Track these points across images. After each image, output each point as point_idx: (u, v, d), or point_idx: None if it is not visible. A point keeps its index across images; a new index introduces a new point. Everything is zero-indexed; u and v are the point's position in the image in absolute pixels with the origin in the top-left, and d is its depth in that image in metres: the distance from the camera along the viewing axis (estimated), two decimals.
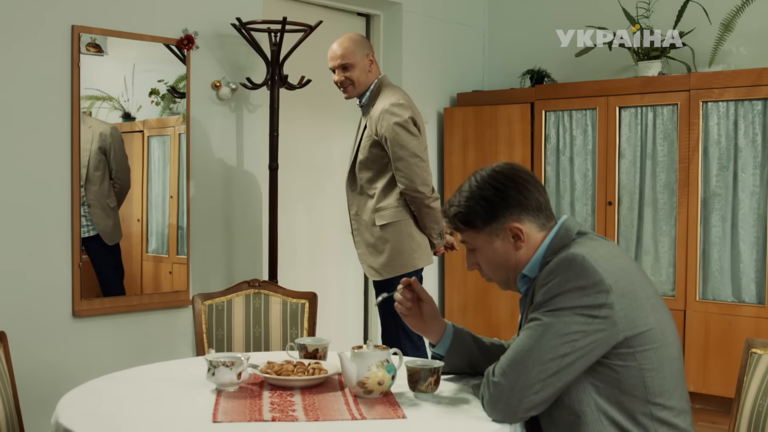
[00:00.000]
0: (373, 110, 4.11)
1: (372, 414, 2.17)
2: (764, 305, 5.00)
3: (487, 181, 2.27)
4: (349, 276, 5.91)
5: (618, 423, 2.11)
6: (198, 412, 2.17)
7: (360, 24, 5.95)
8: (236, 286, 3.53)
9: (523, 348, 2.09)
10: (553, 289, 2.11)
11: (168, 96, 4.66)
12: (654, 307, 2.17)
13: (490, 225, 2.27)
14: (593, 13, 5.93)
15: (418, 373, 2.34)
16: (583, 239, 2.24)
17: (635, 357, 2.11)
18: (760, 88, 4.98)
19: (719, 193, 5.17)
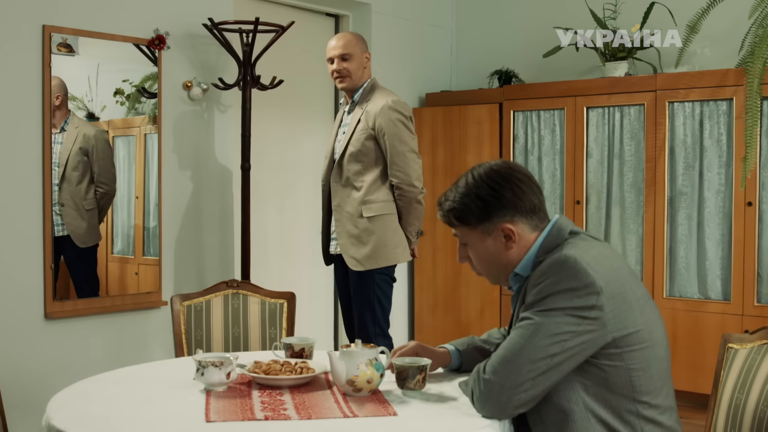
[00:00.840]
0: (370, 105, 4.22)
1: (363, 412, 2.19)
2: (730, 302, 5.10)
3: (484, 179, 2.29)
4: (320, 276, 5.91)
5: (605, 421, 2.16)
6: (190, 412, 2.18)
7: (329, 24, 5.96)
8: (215, 287, 3.52)
9: (514, 346, 2.12)
10: (545, 290, 2.14)
11: (134, 96, 4.64)
12: (643, 309, 2.21)
13: (483, 224, 2.29)
14: (560, 14, 6.01)
15: (406, 371, 2.37)
16: (576, 239, 2.27)
17: (623, 357, 2.15)
18: (725, 89, 5.08)
19: (685, 192, 5.26)
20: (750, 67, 4.80)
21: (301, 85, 5.48)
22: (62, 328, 4.32)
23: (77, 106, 4.41)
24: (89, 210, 4.48)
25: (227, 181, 5.03)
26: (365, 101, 4.27)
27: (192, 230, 4.87)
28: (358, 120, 4.22)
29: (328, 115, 5.93)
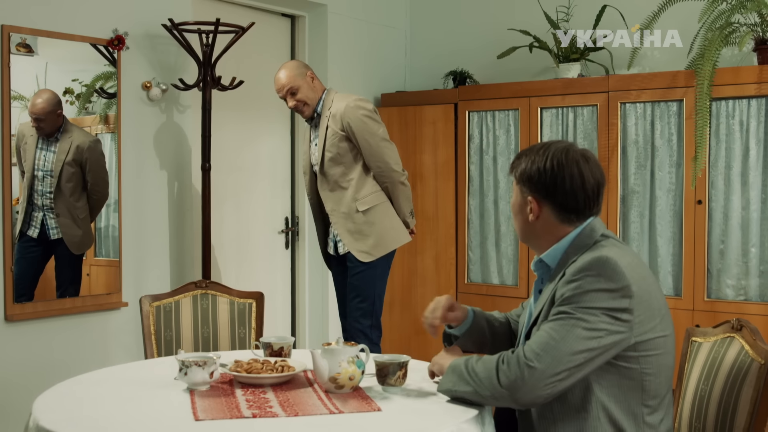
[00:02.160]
0: (332, 110, 4.42)
1: (347, 408, 2.24)
2: (681, 297, 5.24)
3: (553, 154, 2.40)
4: (276, 275, 5.94)
5: (615, 420, 2.26)
6: (177, 411, 2.20)
7: (285, 25, 5.98)
8: (184, 287, 3.54)
9: (557, 336, 2.20)
10: (583, 286, 2.23)
11: (84, 95, 4.62)
12: (663, 318, 2.36)
13: (520, 184, 2.45)
14: (514, 16, 6.11)
15: (387, 367, 2.42)
16: (608, 242, 2.37)
17: (639, 361, 2.27)
18: (675, 90, 5.21)
19: (637, 191, 5.39)
20: (700, 69, 4.94)
21: (256, 85, 5.48)
22: (22, 330, 4.29)
23: (24, 105, 4.37)
24: (83, 218, 4.52)
25: (186, 181, 5.03)
26: (328, 109, 4.47)
27: (150, 231, 4.86)
28: (326, 126, 4.41)
29: (283, 116, 5.95)
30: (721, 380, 2.55)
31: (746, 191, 5.04)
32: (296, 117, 5.97)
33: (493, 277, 5.95)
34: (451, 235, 6.04)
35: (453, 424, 2.14)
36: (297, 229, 6.03)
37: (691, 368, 2.76)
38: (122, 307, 4.71)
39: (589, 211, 2.40)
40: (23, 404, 4.21)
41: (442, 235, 6.05)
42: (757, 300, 5.03)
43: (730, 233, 5.09)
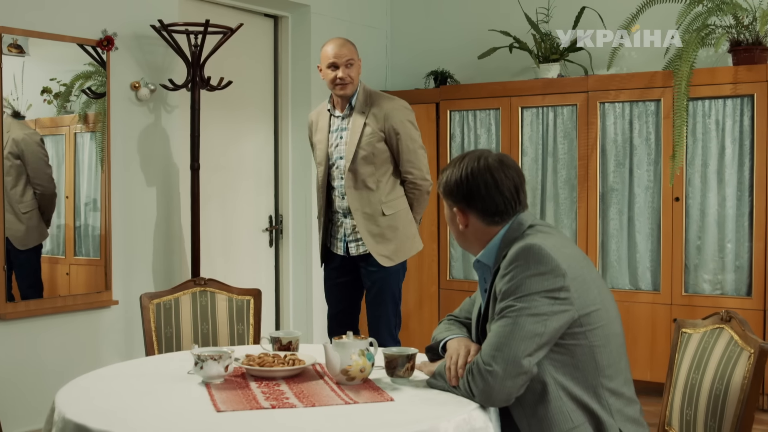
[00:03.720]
0: (375, 109, 4.33)
1: (361, 398, 2.33)
2: (659, 292, 5.38)
3: (469, 166, 2.52)
4: (261, 273, 6.01)
5: (576, 397, 2.36)
6: (196, 404, 2.28)
7: (268, 25, 6.04)
8: (183, 285, 3.61)
9: (504, 332, 2.30)
10: (516, 277, 2.34)
11: (63, 94, 4.66)
12: (599, 289, 2.46)
13: (446, 197, 2.59)
14: (495, 16, 6.22)
15: (396, 359, 2.51)
16: (534, 231, 2.50)
17: (586, 335, 2.37)
18: (653, 90, 5.35)
19: (616, 188, 5.52)
20: (678, 70, 5.08)
21: (240, 85, 5.53)
22: (16, 329, 4.33)
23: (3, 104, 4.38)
24: (26, 212, 4.49)
25: (174, 180, 5.09)
26: (367, 105, 4.36)
27: (139, 229, 4.91)
28: (364, 124, 4.31)
29: (267, 116, 6.02)
30: (711, 369, 2.66)
31: (722, 188, 5.19)
32: (280, 116, 6.05)
33: (474, 274, 6.04)
34: (434, 232, 6.14)
35: (464, 412, 2.23)
36: (281, 227, 6.10)
37: (681, 358, 2.87)
38: (113, 305, 4.76)
39: (511, 210, 2.52)
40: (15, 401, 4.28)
41: (424, 232, 6.13)
42: (733, 294, 5.18)
43: (707, 229, 5.24)
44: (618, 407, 2.41)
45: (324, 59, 4.36)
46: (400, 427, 2.09)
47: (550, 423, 2.33)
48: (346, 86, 4.33)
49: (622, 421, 2.40)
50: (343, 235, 4.44)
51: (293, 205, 6.10)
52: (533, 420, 2.35)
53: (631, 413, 2.45)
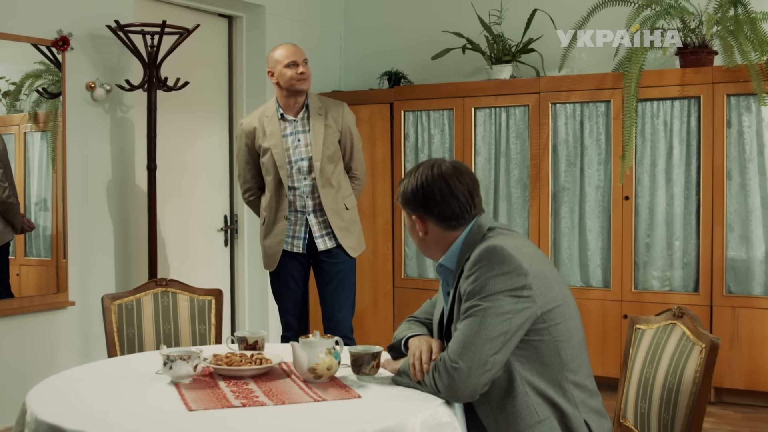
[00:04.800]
0: (331, 111, 4.57)
1: (329, 395, 2.39)
2: (610, 288, 5.51)
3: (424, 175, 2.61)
4: (216, 273, 6.02)
5: (541, 391, 2.46)
6: (167, 403, 2.31)
7: (222, 25, 6.05)
8: (144, 285, 3.62)
9: (471, 331, 2.37)
10: (481, 278, 2.43)
11: (12, 93, 4.64)
12: (560, 286, 2.56)
13: (405, 206, 2.67)
14: (448, 18, 6.31)
15: (361, 357, 2.57)
16: (495, 233, 2.59)
17: (549, 331, 2.47)
18: (603, 92, 5.48)
19: (568, 188, 5.64)
20: (627, 72, 5.21)
21: (195, 85, 5.52)
22: None
23: None
24: None
25: (129, 180, 5.08)
26: (322, 108, 4.56)
27: (95, 230, 4.90)
28: (325, 125, 4.51)
29: (222, 116, 6.04)
30: (664, 364, 2.76)
31: (670, 187, 5.33)
32: (235, 116, 6.06)
33: (429, 272, 6.14)
34: (388, 231, 6.20)
35: (430, 408, 2.30)
36: (236, 227, 6.11)
37: (635, 353, 2.97)
38: (69, 306, 4.74)
39: (468, 214, 2.61)
40: None
41: (379, 231, 6.21)
42: (680, 290, 5.34)
43: (656, 227, 5.38)
44: (582, 399, 2.50)
45: (281, 60, 4.50)
46: (369, 424, 2.14)
47: (517, 417, 2.41)
48: (307, 81, 4.52)
49: (586, 412, 2.49)
50: (305, 233, 4.55)
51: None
52: (500, 415, 2.43)
53: (595, 405, 2.54)
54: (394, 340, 2.76)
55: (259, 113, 4.61)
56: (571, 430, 2.46)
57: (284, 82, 4.49)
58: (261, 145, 4.53)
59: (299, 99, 4.55)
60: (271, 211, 4.57)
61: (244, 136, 4.60)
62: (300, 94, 4.53)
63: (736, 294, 5.21)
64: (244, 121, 4.67)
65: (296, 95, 4.53)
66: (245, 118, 4.71)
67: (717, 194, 5.19)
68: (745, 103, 5.14)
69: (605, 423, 2.57)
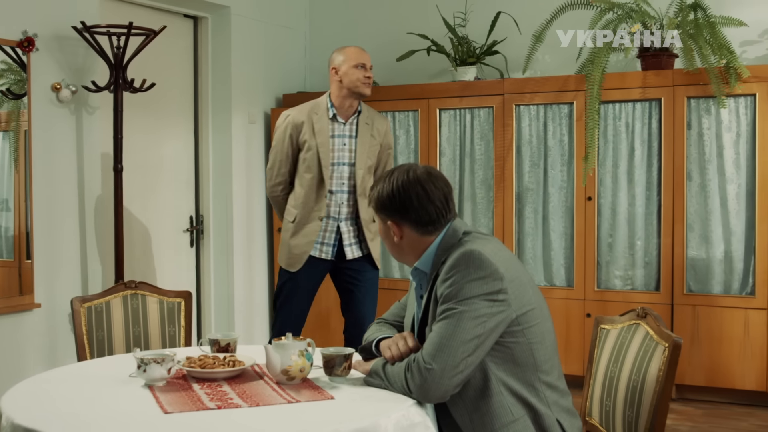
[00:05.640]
0: (376, 122, 4.64)
1: (303, 397, 2.42)
2: (573, 288, 5.60)
3: (397, 182, 2.65)
4: (182, 273, 6.02)
5: (516, 392, 2.52)
6: (143, 406, 2.33)
7: (188, 26, 6.05)
8: (113, 288, 3.63)
9: (446, 333, 2.42)
10: (457, 282, 2.48)
11: None
12: (534, 290, 2.63)
13: (379, 213, 2.71)
14: (413, 20, 6.36)
15: (333, 359, 2.61)
16: (471, 237, 2.64)
17: (524, 333, 2.53)
18: (566, 94, 5.56)
19: (531, 188, 5.72)
20: (590, 74, 5.29)
21: (160, 86, 5.51)
22: None
23: None
24: None
25: (95, 181, 5.07)
26: (369, 117, 4.62)
27: (61, 231, 4.88)
28: (371, 135, 4.55)
29: (188, 117, 6.03)
30: (629, 363, 2.83)
31: (632, 188, 5.43)
32: (200, 116, 6.07)
33: (394, 272, 6.19)
34: None
35: (402, 408, 2.34)
36: (201, 227, 6.12)
37: (600, 353, 3.03)
38: (35, 308, 4.72)
39: (444, 218, 2.66)
40: None
41: None
42: (642, 289, 5.43)
43: (618, 227, 5.47)
44: (554, 399, 2.56)
45: (350, 59, 4.50)
46: (343, 425, 2.18)
47: (492, 417, 2.46)
48: (371, 86, 4.54)
49: (558, 412, 2.56)
50: (335, 240, 4.55)
51: (214, 206, 6.12)
52: (475, 414, 2.48)
53: (566, 404, 2.61)
54: (365, 342, 2.80)
55: (308, 109, 4.56)
56: (544, 429, 2.52)
57: (349, 82, 4.47)
58: (306, 140, 4.49)
59: (355, 103, 4.54)
60: (306, 209, 4.52)
61: (289, 127, 4.53)
62: (360, 97, 4.52)
63: (697, 292, 5.32)
64: (291, 113, 4.58)
65: (355, 98, 4.52)
66: (292, 111, 4.61)
67: (677, 195, 5.30)
68: (705, 105, 5.25)
69: (576, 422, 2.63)
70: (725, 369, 5.24)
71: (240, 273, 6.20)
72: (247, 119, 6.25)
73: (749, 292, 5.22)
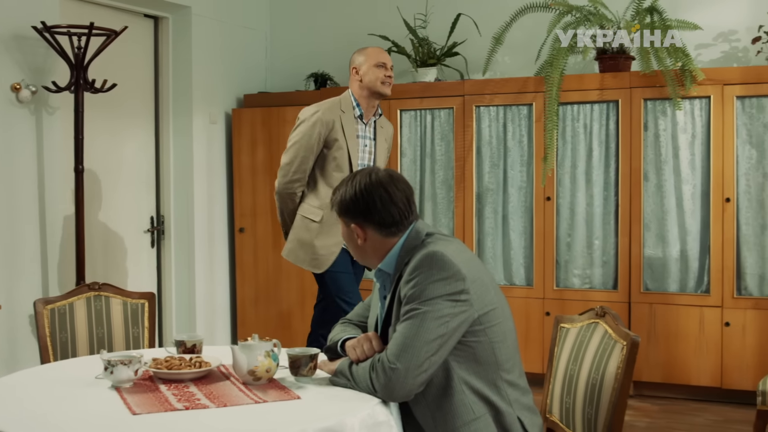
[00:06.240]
0: (386, 126, 4.68)
1: (269, 397, 2.45)
2: (532, 287, 5.67)
3: (360, 185, 2.70)
4: (143, 274, 6.01)
5: (477, 390, 2.57)
6: (111, 408, 2.35)
7: (148, 26, 6.03)
8: (77, 290, 3.63)
9: (410, 333, 2.47)
10: (421, 283, 2.52)
11: None
12: (495, 290, 2.68)
13: (343, 216, 2.75)
14: (374, 21, 6.39)
15: (299, 359, 2.64)
16: (433, 239, 2.69)
17: (486, 332, 2.58)
18: (526, 95, 5.63)
19: (491, 188, 5.78)
20: (549, 76, 5.37)
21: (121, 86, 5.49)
22: None
23: None
24: None
25: (56, 182, 5.04)
26: (382, 119, 4.64)
27: (21, 233, 4.85)
28: (384, 139, 4.57)
29: (148, 118, 6.02)
30: (588, 361, 2.89)
31: (590, 188, 5.52)
32: (161, 116, 6.06)
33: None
34: None
35: (367, 407, 2.38)
36: (162, 228, 6.11)
37: (560, 351, 3.10)
38: None
39: (406, 220, 2.72)
40: None
41: None
42: (600, 288, 5.53)
43: (576, 227, 5.56)
44: (515, 397, 2.62)
45: (371, 58, 4.50)
46: (310, 424, 2.21)
47: (455, 415, 2.51)
48: (391, 86, 4.52)
49: (519, 409, 2.61)
50: None
51: (175, 207, 6.12)
52: (438, 413, 2.53)
53: (527, 402, 2.67)
54: (330, 342, 2.84)
55: (336, 106, 4.49)
56: (506, 427, 2.58)
57: (369, 81, 4.46)
58: (337, 139, 4.40)
59: (375, 103, 4.52)
60: None
61: (320, 125, 4.39)
62: (380, 97, 4.50)
63: (653, 291, 5.42)
64: (320, 109, 4.45)
65: (376, 98, 4.50)
66: (320, 107, 4.48)
67: (634, 195, 5.39)
68: (661, 107, 5.35)
69: (536, 419, 2.69)
70: (681, 366, 5.35)
71: (201, 274, 6.20)
72: (209, 119, 6.25)
73: (704, 290, 5.33)
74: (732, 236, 5.22)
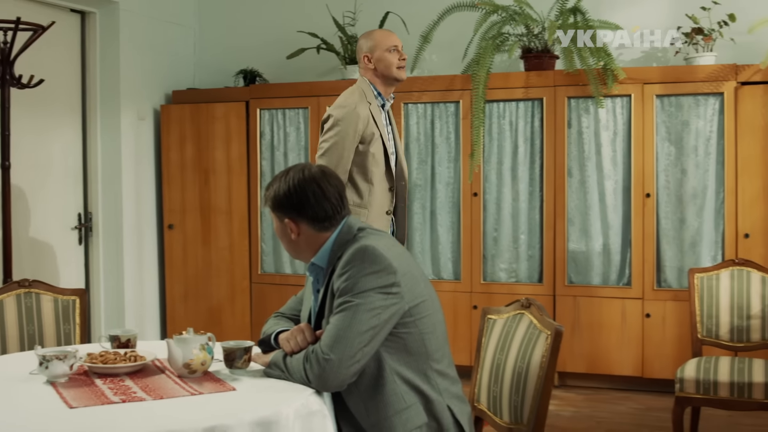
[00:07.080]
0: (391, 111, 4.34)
1: (205, 389, 2.50)
2: (460, 281, 5.78)
3: (293, 180, 2.75)
4: (71, 271, 5.96)
5: (408, 380, 2.65)
6: (47, 402, 2.37)
7: (75, 21, 5.98)
8: (6, 287, 3.61)
9: (343, 325, 2.53)
10: (353, 276, 2.59)
11: None
12: (425, 283, 2.77)
13: (276, 211, 2.79)
14: (303, 18, 6.44)
15: (234, 352, 2.69)
16: (365, 233, 2.76)
17: (416, 324, 2.67)
18: (453, 93, 5.74)
19: (420, 184, 5.88)
20: (476, 74, 5.48)
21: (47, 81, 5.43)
22: None
23: None
24: None
25: None
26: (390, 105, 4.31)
27: None
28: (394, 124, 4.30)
29: (76, 113, 5.97)
30: (514, 350, 2.99)
31: (516, 184, 5.65)
32: (88, 112, 6.02)
33: (285, 267, 6.26)
34: (245, 227, 6.28)
35: (301, 397, 2.45)
36: (90, 225, 6.06)
37: (488, 342, 3.19)
38: None
39: (339, 215, 2.79)
40: None
41: (235, 227, 6.29)
42: (526, 281, 5.67)
43: (503, 222, 5.69)
44: (445, 386, 2.70)
45: (382, 43, 4.16)
46: (246, 414, 2.26)
47: (386, 404, 2.59)
48: (405, 69, 4.23)
49: (449, 398, 2.70)
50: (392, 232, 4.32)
51: (103, 204, 6.08)
52: (370, 402, 2.60)
53: (456, 391, 2.75)
54: (263, 335, 2.89)
55: (364, 99, 4.14)
56: (435, 415, 2.66)
57: (384, 67, 4.14)
58: (373, 132, 4.08)
59: (391, 90, 4.22)
60: (378, 207, 4.14)
61: (357, 119, 4.05)
62: (396, 82, 4.20)
63: (577, 284, 5.58)
64: (353, 104, 4.11)
65: (391, 84, 4.19)
66: (351, 103, 4.13)
67: (559, 190, 5.54)
68: (584, 105, 5.51)
69: (465, 408, 2.78)
70: (604, 356, 5.52)
71: (130, 271, 6.17)
72: (137, 115, 6.22)
73: (626, 282, 5.50)
74: (652, 230, 5.41)
